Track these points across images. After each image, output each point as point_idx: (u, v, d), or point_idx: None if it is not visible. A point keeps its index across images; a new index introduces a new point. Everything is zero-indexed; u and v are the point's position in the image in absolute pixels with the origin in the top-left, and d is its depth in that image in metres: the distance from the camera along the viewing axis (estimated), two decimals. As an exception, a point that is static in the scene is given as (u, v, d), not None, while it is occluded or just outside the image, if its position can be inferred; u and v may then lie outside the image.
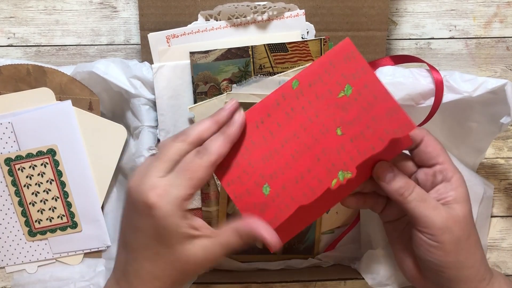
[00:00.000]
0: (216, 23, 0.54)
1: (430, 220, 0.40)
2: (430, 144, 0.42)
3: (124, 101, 0.57)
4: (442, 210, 0.41)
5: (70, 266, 0.58)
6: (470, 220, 0.42)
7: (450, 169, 0.42)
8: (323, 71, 0.40)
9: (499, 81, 0.51)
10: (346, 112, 0.40)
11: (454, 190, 0.41)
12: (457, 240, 0.40)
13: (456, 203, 0.41)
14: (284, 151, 0.41)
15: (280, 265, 0.59)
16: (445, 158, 0.42)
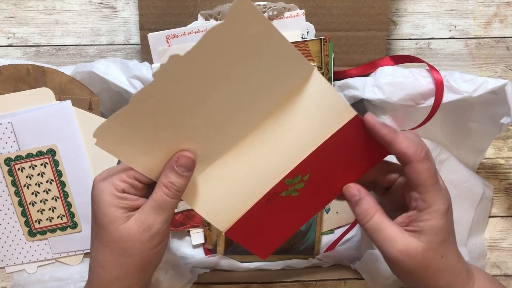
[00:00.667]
0: (216, 23, 0.54)
1: (383, 251, 0.41)
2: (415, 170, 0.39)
3: (124, 101, 0.57)
4: (398, 243, 0.40)
5: (70, 266, 0.58)
6: (435, 252, 0.40)
7: (427, 200, 0.40)
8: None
9: (499, 81, 0.51)
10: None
11: (423, 222, 0.40)
12: (411, 271, 0.40)
13: (422, 235, 0.40)
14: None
15: (280, 265, 0.59)
16: (427, 190, 0.40)
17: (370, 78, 0.55)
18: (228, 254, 0.59)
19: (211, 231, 0.59)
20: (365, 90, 0.54)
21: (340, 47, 0.57)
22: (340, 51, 0.57)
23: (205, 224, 0.58)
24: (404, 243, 0.40)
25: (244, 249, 0.59)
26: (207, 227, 0.59)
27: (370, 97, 0.53)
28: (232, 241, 0.59)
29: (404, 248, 0.40)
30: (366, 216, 0.41)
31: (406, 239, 0.40)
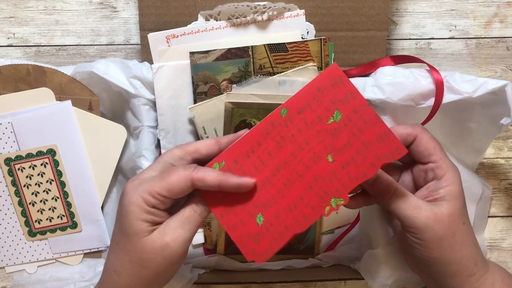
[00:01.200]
0: (216, 23, 0.54)
1: (410, 220, 0.41)
2: (422, 143, 0.43)
3: (124, 101, 0.57)
4: (423, 209, 0.41)
5: (70, 266, 0.58)
6: (458, 217, 0.42)
7: (442, 167, 0.42)
8: (312, 97, 0.40)
9: (499, 82, 0.51)
10: (336, 138, 0.39)
11: (443, 189, 0.42)
12: (439, 238, 0.41)
13: (443, 201, 0.41)
14: (276, 179, 0.40)
15: (280, 265, 0.59)
16: (438, 156, 0.43)
17: (370, 78, 0.55)
18: (228, 254, 0.59)
19: (211, 231, 0.59)
20: (365, 90, 0.54)
21: (340, 47, 0.57)
22: (340, 51, 0.57)
23: (205, 224, 0.58)
24: (430, 209, 0.41)
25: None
26: (207, 227, 0.59)
27: (370, 97, 0.53)
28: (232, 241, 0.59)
29: (430, 214, 0.41)
30: (389, 190, 0.42)
31: (431, 207, 0.41)
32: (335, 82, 0.39)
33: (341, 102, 0.39)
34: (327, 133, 0.40)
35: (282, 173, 0.40)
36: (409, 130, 0.43)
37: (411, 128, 0.43)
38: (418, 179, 0.45)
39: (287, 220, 0.40)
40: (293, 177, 0.40)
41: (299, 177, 0.40)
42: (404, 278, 0.53)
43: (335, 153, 0.39)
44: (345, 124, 0.39)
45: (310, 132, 0.40)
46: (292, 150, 0.40)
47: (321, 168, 0.40)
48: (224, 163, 0.41)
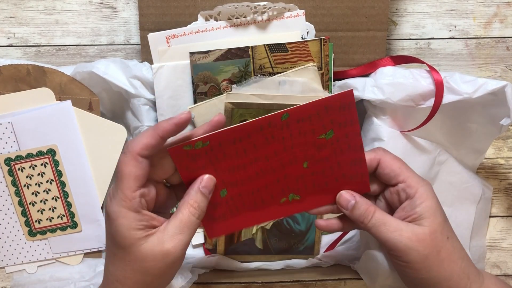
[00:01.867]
0: (216, 23, 0.54)
1: (392, 243, 0.41)
2: (386, 166, 0.43)
3: (124, 101, 0.57)
4: (404, 231, 0.41)
5: (70, 266, 0.59)
6: (440, 233, 0.41)
7: (411, 185, 0.42)
8: (316, 113, 0.41)
9: (499, 82, 0.51)
10: (319, 151, 0.43)
11: (418, 206, 0.41)
12: (424, 258, 0.40)
13: (422, 219, 0.41)
14: (251, 168, 0.43)
15: (280, 265, 0.59)
16: (406, 175, 0.42)
17: (370, 79, 0.55)
18: (228, 254, 0.59)
19: (211, 231, 0.59)
20: (365, 90, 0.54)
21: (340, 47, 0.57)
22: (340, 51, 0.57)
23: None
24: (410, 230, 0.41)
25: (244, 249, 0.59)
26: (207, 227, 0.59)
27: (370, 97, 0.53)
28: (232, 241, 0.59)
29: (412, 235, 0.40)
30: (368, 215, 0.42)
31: (411, 227, 0.41)
32: (343, 106, 0.41)
33: (339, 125, 0.42)
34: (313, 145, 0.42)
35: (258, 164, 0.43)
36: (371, 156, 0.43)
37: (373, 153, 0.44)
38: (392, 202, 0.44)
39: (247, 199, 0.44)
40: (267, 170, 0.43)
41: (271, 171, 0.43)
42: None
43: (312, 162, 0.43)
44: (332, 143, 0.42)
45: (299, 140, 0.42)
46: (276, 150, 0.42)
47: (294, 170, 0.43)
48: (208, 143, 0.41)
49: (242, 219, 0.45)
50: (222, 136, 0.41)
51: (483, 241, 0.62)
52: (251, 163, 0.42)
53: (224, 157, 0.42)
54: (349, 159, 0.43)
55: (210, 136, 0.41)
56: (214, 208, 0.43)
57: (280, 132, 0.41)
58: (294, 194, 0.44)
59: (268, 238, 0.59)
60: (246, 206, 0.44)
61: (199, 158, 0.41)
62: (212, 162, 0.41)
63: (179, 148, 0.40)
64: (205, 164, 0.41)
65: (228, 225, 0.45)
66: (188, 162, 0.41)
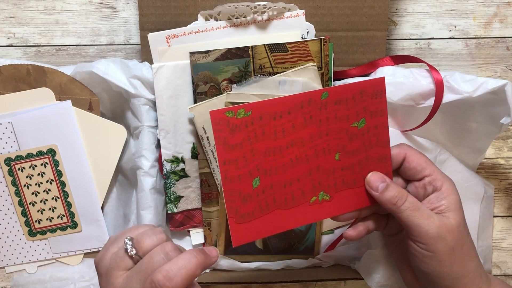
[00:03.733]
0: (216, 23, 0.54)
1: (424, 230, 0.40)
2: (413, 160, 0.43)
3: (124, 101, 0.57)
4: (436, 219, 0.41)
5: (70, 266, 0.59)
6: (464, 228, 0.42)
7: (438, 178, 0.42)
8: (351, 96, 0.42)
9: (499, 81, 0.51)
10: (351, 142, 0.43)
11: (445, 199, 0.42)
12: (451, 249, 0.40)
13: (449, 211, 0.41)
14: (287, 153, 0.41)
15: (280, 265, 0.59)
16: (432, 169, 0.43)
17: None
18: (228, 254, 0.59)
19: (211, 231, 0.59)
20: (365, 90, 0.54)
21: (340, 47, 0.57)
22: (340, 51, 0.57)
23: (205, 224, 0.58)
24: (440, 220, 0.41)
25: (244, 249, 0.59)
26: (207, 227, 0.59)
27: (370, 97, 0.53)
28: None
29: (442, 224, 0.41)
30: (402, 197, 0.41)
31: (440, 217, 0.41)
32: (376, 93, 0.42)
33: (370, 114, 0.42)
34: (346, 134, 0.42)
35: (294, 149, 0.41)
36: (396, 151, 0.44)
37: (398, 148, 0.44)
38: (417, 196, 0.44)
39: (278, 194, 0.42)
40: (301, 158, 0.42)
41: (306, 161, 0.42)
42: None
43: (343, 154, 0.43)
44: (363, 134, 0.42)
45: (334, 125, 0.42)
46: (313, 133, 0.41)
47: (326, 162, 0.42)
48: (250, 112, 0.39)
49: (270, 221, 0.42)
50: (265, 106, 0.39)
51: (489, 241, 0.61)
52: (287, 147, 0.41)
53: (262, 135, 0.40)
54: (377, 155, 0.43)
55: (253, 105, 0.39)
56: (245, 201, 0.41)
57: (318, 112, 0.41)
58: (325, 193, 0.43)
59: (268, 238, 0.59)
60: (277, 203, 0.42)
61: (238, 131, 0.39)
62: (251, 139, 0.39)
63: (220, 113, 0.38)
64: (243, 141, 0.39)
65: (255, 228, 0.41)
66: (227, 134, 0.39)
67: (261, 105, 0.39)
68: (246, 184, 0.40)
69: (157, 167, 0.56)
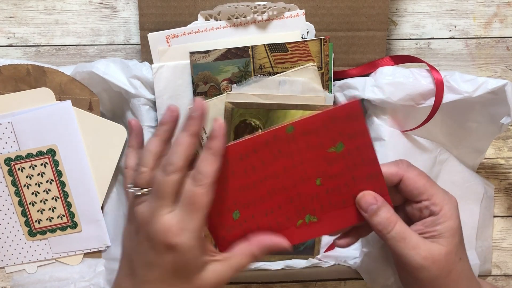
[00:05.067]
0: (216, 23, 0.54)
1: (407, 260, 0.40)
2: (410, 183, 0.41)
3: (124, 101, 0.57)
4: (422, 250, 0.40)
5: (70, 266, 0.58)
6: (455, 254, 0.41)
7: (436, 203, 0.41)
8: (322, 125, 0.40)
9: (499, 81, 0.51)
10: (331, 166, 0.41)
11: (440, 225, 0.41)
12: (434, 278, 0.40)
13: (441, 238, 0.41)
14: (262, 186, 0.41)
15: (280, 265, 0.59)
16: (431, 193, 0.41)
17: (370, 78, 0.55)
18: (228, 254, 0.59)
19: (211, 231, 0.59)
20: (365, 90, 0.54)
21: (340, 47, 0.57)
22: (340, 51, 0.57)
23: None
24: (427, 248, 0.40)
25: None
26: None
27: (370, 97, 0.53)
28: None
29: (428, 254, 0.40)
30: (389, 225, 0.40)
31: (428, 245, 0.40)
32: (351, 117, 0.40)
33: (348, 136, 0.40)
34: (324, 160, 0.41)
35: (269, 182, 0.41)
36: (393, 170, 0.42)
37: (396, 168, 0.42)
38: (413, 216, 0.43)
39: (261, 222, 0.42)
40: (278, 189, 0.41)
41: (283, 190, 0.41)
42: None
43: (325, 179, 0.41)
44: (343, 157, 0.41)
45: (308, 155, 0.41)
46: (286, 166, 0.41)
47: (307, 188, 0.41)
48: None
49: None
50: (228, 150, 0.40)
51: (489, 241, 0.61)
52: (261, 181, 0.41)
53: (233, 175, 0.40)
54: (365, 174, 0.41)
55: None
56: (228, 231, 0.42)
57: (287, 146, 0.40)
58: (311, 216, 0.42)
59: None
60: (261, 229, 0.42)
61: None
62: (221, 180, 0.40)
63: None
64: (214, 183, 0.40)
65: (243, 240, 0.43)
66: None
67: (225, 150, 0.40)
68: (227, 217, 0.42)
69: (157, 167, 0.56)
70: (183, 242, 0.37)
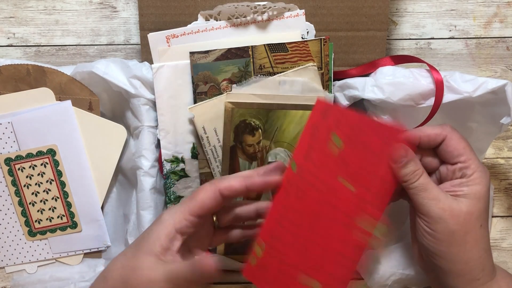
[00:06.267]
0: (216, 23, 0.54)
1: (426, 209, 0.41)
2: (452, 143, 0.43)
3: (124, 101, 0.57)
4: (441, 202, 0.41)
5: (70, 266, 0.58)
6: (476, 218, 0.41)
7: (471, 167, 0.42)
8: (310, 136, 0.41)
9: (499, 81, 0.51)
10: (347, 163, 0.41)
11: (468, 187, 0.42)
12: (450, 232, 0.41)
13: (465, 198, 0.41)
14: (314, 234, 0.42)
15: (280, 265, 0.59)
16: (468, 156, 0.42)
17: (370, 78, 0.55)
18: (228, 254, 0.59)
19: (211, 231, 0.59)
20: (365, 90, 0.54)
21: (340, 47, 0.57)
22: (340, 51, 0.57)
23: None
24: (448, 203, 0.41)
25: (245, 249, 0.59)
26: (207, 227, 0.59)
27: (370, 97, 0.53)
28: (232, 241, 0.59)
29: (447, 207, 0.41)
30: (414, 177, 0.42)
31: (450, 200, 0.41)
32: (325, 113, 0.41)
33: (335, 126, 0.41)
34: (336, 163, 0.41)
35: (317, 227, 0.42)
36: (437, 131, 0.43)
37: (440, 128, 0.43)
38: (445, 177, 0.44)
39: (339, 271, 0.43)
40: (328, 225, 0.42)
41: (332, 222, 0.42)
42: (405, 278, 0.53)
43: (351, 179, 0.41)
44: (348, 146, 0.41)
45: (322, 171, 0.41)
46: (316, 199, 0.41)
47: (345, 198, 0.41)
48: (264, 244, 0.43)
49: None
50: (266, 229, 0.42)
51: (489, 241, 0.62)
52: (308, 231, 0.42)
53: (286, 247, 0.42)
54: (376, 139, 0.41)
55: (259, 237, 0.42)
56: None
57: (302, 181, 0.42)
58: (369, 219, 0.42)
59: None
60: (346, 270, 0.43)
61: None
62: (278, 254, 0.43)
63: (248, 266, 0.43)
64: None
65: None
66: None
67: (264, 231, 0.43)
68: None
69: (157, 167, 0.56)
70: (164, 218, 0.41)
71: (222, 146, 0.55)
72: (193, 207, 0.40)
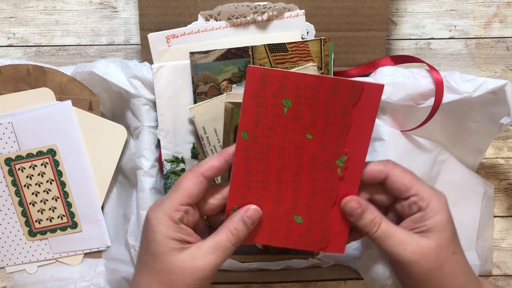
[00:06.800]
0: (216, 23, 0.54)
1: (395, 256, 0.40)
2: (396, 180, 0.42)
3: (124, 101, 0.57)
4: (409, 245, 0.40)
5: (70, 266, 0.59)
6: (447, 248, 0.41)
7: (424, 198, 0.41)
8: (255, 106, 0.41)
9: (499, 81, 0.51)
10: (301, 119, 0.41)
11: (429, 220, 0.41)
12: (426, 272, 0.40)
13: (430, 232, 0.40)
14: (285, 185, 0.42)
15: (280, 265, 0.59)
16: (417, 188, 0.41)
17: (370, 78, 0.55)
18: (228, 254, 0.59)
19: (211, 231, 0.59)
20: (365, 90, 0.54)
21: (340, 47, 0.57)
22: (340, 51, 0.57)
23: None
24: (415, 243, 0.40)
25: (244, 249, 0.59)
26: (207, 227, 0.59)
27: (370, 97, 0.53)
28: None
29: (416, 248, 0.40)
30: (374, 227, 0.41)
31: (416, 240, 0.40)
32: (262, 80, 0.40)
33: (281, 90, 0.40)
34: (291, 121, 0.41)
35: (284, 176, 0.42)
36: (380, 167, 0.42)
37: (382, 165, 0.42)
38: (403, 214, 0.43)
39: (319, 202, 0.43)
40: (296, 171, 0.42)
41: (299, 168, 0.42)
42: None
43: (310, 130, 0.42)
44: (299, 103, 0.41)
45: (277, 132, 0.41)
46: (277, 154, 0.42)
47: (310, 148, 0.42)
48: (236, 207, 0.43)
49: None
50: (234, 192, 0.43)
51: (489, 241, 0.61)
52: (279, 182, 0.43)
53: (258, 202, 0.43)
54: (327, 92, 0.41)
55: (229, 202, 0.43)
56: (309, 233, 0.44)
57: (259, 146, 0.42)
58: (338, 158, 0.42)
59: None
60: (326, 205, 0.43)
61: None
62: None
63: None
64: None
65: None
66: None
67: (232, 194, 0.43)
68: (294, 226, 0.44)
69: (157, 167, 0.56)
70: (151, 216, 0.40)
71: (222, 146, 0.55)
72: (181, 197, 0.40)
